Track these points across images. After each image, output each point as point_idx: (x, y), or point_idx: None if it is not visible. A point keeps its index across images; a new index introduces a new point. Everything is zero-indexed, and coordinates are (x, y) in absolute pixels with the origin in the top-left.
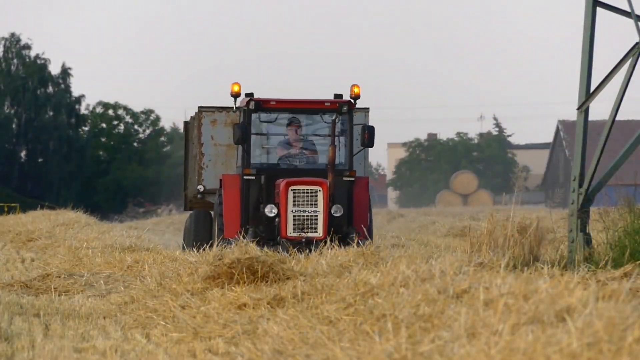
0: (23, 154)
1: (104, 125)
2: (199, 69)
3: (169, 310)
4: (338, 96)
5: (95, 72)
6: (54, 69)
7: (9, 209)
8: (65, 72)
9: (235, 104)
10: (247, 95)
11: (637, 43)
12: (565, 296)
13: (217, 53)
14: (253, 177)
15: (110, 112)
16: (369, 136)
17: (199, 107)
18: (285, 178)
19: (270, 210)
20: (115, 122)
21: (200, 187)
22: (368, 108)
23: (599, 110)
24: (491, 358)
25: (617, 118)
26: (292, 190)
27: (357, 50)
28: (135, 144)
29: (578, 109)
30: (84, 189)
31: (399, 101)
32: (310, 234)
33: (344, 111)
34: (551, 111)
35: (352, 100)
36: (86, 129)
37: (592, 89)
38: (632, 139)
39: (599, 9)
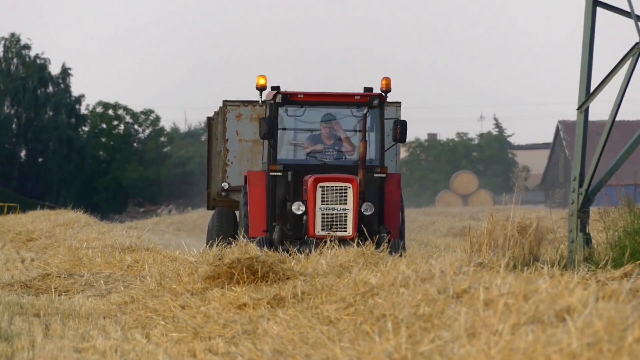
0: (23, 154)
1: (104, 125)
2: (199, 69)
3: (169, 310)
4: (368, 89)
5: (95, 72)
6: (54, 69)
7: (9, 209)
8: (65, 72)
9: (260, 97)
10: (273, 88)
11: (637, 43)
12: (565, 296)
13: (217, 53)
14: (280, 174)
15: (110, 112)
16: (401, 131)
17: (224, 102)
18: (313, 174)
19: (297, 208)
20: (115, 122)
21: (225, 185)
22: (400, 102)
23: (599, 110)
24: (491, 358)
25: (617, 118)
26: (320, 187)
27: (357, 49)
28: (135, 144)
29: (578, 109)
30: (84, 189)
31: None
32: (339, 233)
33: (374, 105)
34: (551, 111)
35: (383, 94)
36: (86, 129)
37: (592, 89)
38: (632, 139)
39: (599, 9)
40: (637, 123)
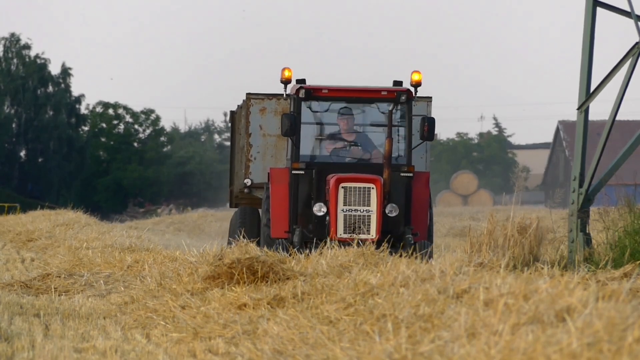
0: (23, 154)
1: (104, 125)
2: (200, 69)
3: (169, 310)
4: (397, 84)
5: (95, 72)
6: (54, 69)
7: (9, 209)
8: (65, 72)
9: (285, 90)
10: (298, 81)
11: (637, 43)
12: (565, 296)
13: (217, 52)
14: (302, 172)
15: (110, 111)
16: (429, 128)
17: (247, 94)
18: (336, 173)
19: (319, 209)
20: (115, 122)
21: (248, 181)
22: (430, 97)
23: (599, 110)
24: (491, 358)
25: (617, 118)
26: (342, 187)
27: (356, 47)
28: (135, 144)
29: (578, 109)
30: (84, 189)
31: None
32: (362, 236)
33: (402, 100)
34: (551, 111)
35: (412, 89)
36: (86, 128)
37: (592, 89)
38: (632, 139)
39: (599, 9)
40: (637, 123)
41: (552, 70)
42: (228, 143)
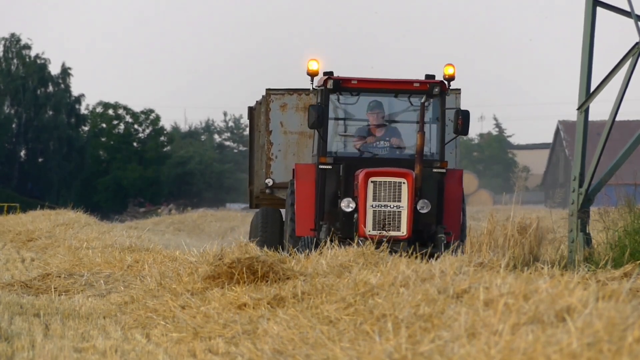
0: (23, 153)
1: (104, 125)
2: (199, 69)
3: (169, 310)
4: (429, 77)
5: (95, 72)
6: (54, 69)
7: (9, 209)
8: (65, 72)
9: (312, 84)
10: (325, 73)
11: (637, 43)
12: (565, 296)
13: (217, 52)
14: (330, 167)
15: (110, 111)
16: (463, 122)
17: (267, 90)
18: (365, 168)
19: (347, 205)
20: (115, 122)
21: (269, 181)
22: (459, 89)
23: (599, 110)
24: (491, 358)
25: (617, 118)
26: (372, 182)
27: (357, 45)
28: (135, 144)
29: (578, 109)
30: (84, 189)
31: None
32: (392, 233)
33: (435, 93)
34: (551, 111)
35: (445, 82)
36: (86, 128)
37: (592, 89)
38: (632, 139)
39: (599, 9)
40: (637, 123)
41: (552, 70)
42: (228, 143)
